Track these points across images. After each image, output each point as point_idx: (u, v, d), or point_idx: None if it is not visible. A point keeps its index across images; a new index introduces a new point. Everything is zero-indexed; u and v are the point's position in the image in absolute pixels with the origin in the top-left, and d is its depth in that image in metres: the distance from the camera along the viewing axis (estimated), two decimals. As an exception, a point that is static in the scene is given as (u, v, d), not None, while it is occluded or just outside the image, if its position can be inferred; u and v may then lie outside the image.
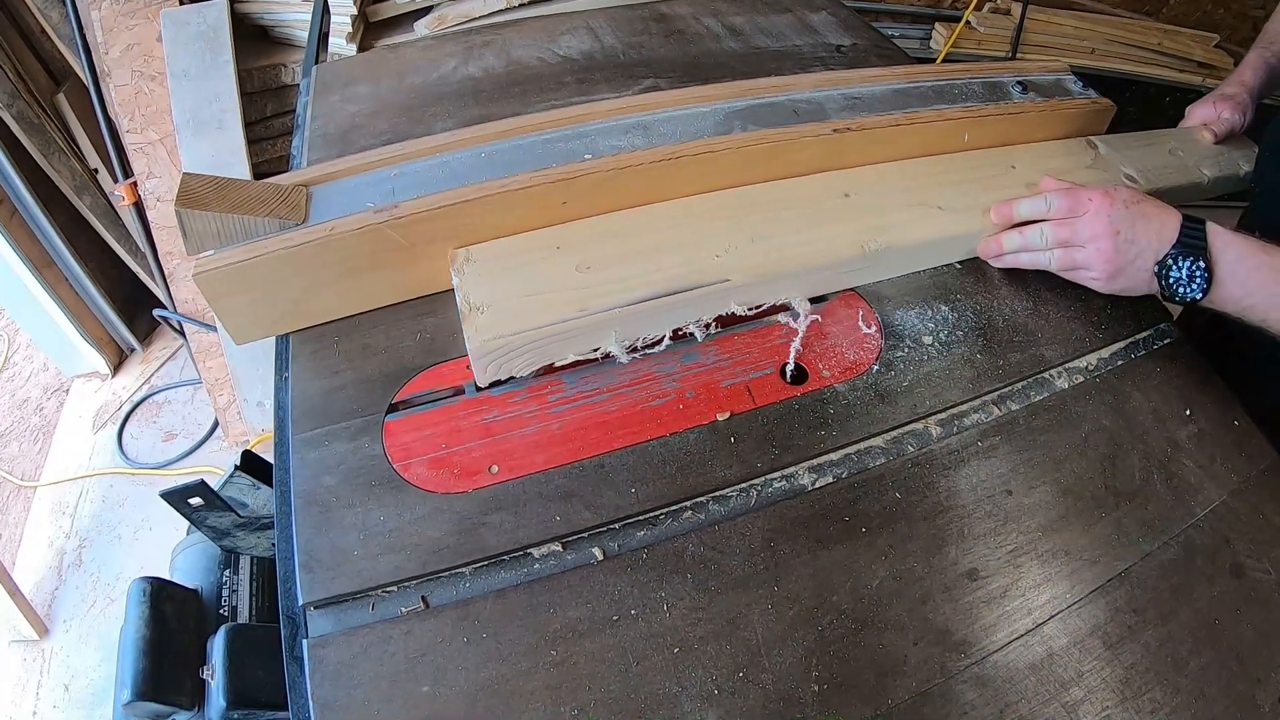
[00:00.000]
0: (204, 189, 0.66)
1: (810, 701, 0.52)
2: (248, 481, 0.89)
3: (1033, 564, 0.59)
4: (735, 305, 0.68)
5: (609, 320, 0.64)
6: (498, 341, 0.61)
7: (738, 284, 0.67)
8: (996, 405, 0.68)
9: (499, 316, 0.63)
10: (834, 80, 0.84)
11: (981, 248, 0.76)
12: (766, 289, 0.69)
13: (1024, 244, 0.73)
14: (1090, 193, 0.69)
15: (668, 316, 0.66)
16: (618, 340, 0.65)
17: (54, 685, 1.59)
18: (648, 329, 0.66)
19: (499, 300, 0.64)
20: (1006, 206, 0.75)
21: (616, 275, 0.66)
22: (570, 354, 0.64)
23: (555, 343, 0.63)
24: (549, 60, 1.08)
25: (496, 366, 0.63)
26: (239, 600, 0.91)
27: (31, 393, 2.24)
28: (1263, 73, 0.92)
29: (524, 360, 0.63)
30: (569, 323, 0.63)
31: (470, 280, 0.66)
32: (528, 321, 0.62)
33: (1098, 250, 0.68)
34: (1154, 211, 0.67)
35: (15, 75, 1.77)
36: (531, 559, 0.57)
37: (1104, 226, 0.67)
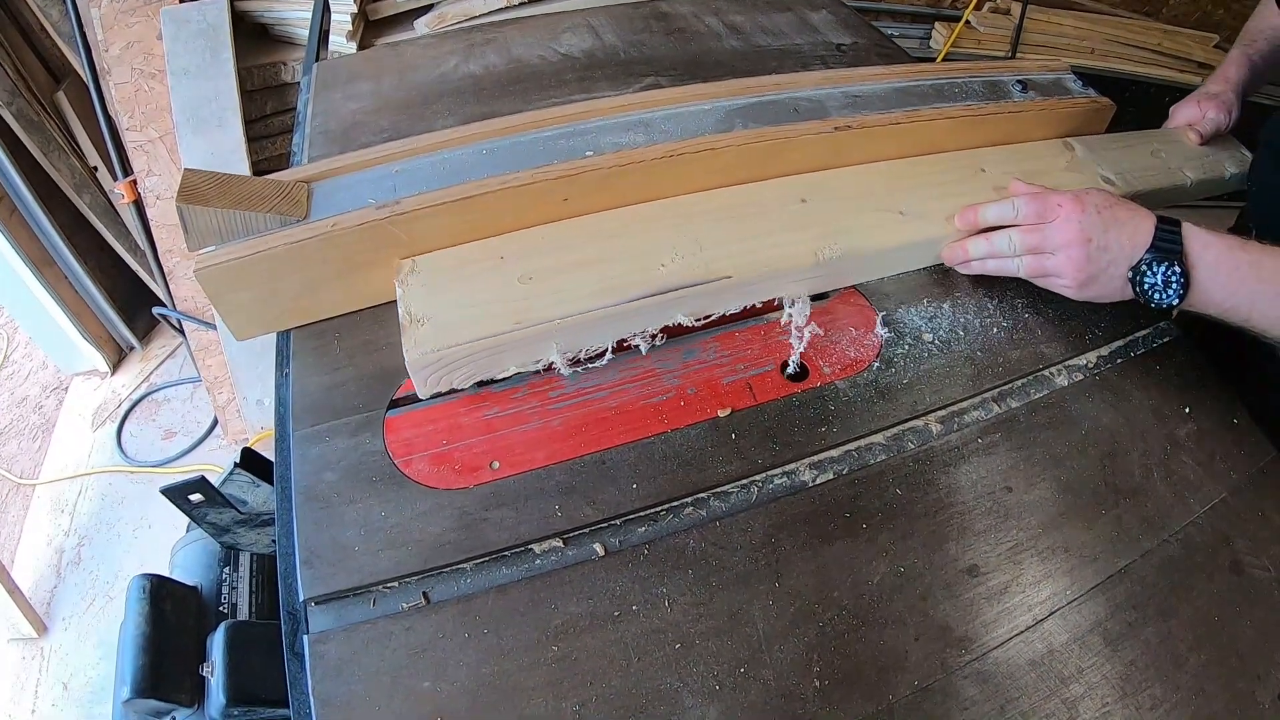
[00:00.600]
0: (205, 185, 0.66)
1: (811, 697, 0.52)
2: (247, 479, 0.89)
3: (1033, 560, 0.59)
4: (681, 316, 0.66)
5: (548, 332, 0.62)
6: (434, 355, 0.60)
7: (683, 295, 0.65)
8: (997, 402, 0.68)
9: (437, 329, 0.62)
10: (834, 79, 0.85)
11: (946, 254, 0.74)
12: (713, 299, 0.67)
13: (991, 250, 0.71)
14: (1060, 197, 0.67)
15: (610, 328, 0.65)
16: (560, 352, 0.64)
17: (53, 683, 1.59)
18: (590, 341, 0.65)
19: (439, 312, 0.63)
20: (971, 212, 0.72)
21: (558, 286, 0.65)
22: (511, 366, 0.63)
23: (493, 355, 0.62)
24: (550, 58, 1.08)
25: (436, 379, 0.62)
26: (239, 597, 0.91)
27: (31, 391, 2.24)
28: (1246, 70, 0.91)
29: (463, 373, 0.62)
30: (506, 335, 0.61)
31: (413, 292, 0.65)
32: (465, 334, 0.61)
33: (1068, 258, 0.66)
34: (1127, 216, 0.65)
35: (15, 73, 1.77)
36: (533, 555, 0.57)
37: (1075, 233, 0.65)
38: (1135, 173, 0.83)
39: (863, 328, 0.71)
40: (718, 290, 0.67)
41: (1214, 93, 0.90)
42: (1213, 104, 0.88)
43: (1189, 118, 0.90)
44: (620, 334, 0.66)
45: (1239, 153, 0.91)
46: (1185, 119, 0.90)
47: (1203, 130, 0.88)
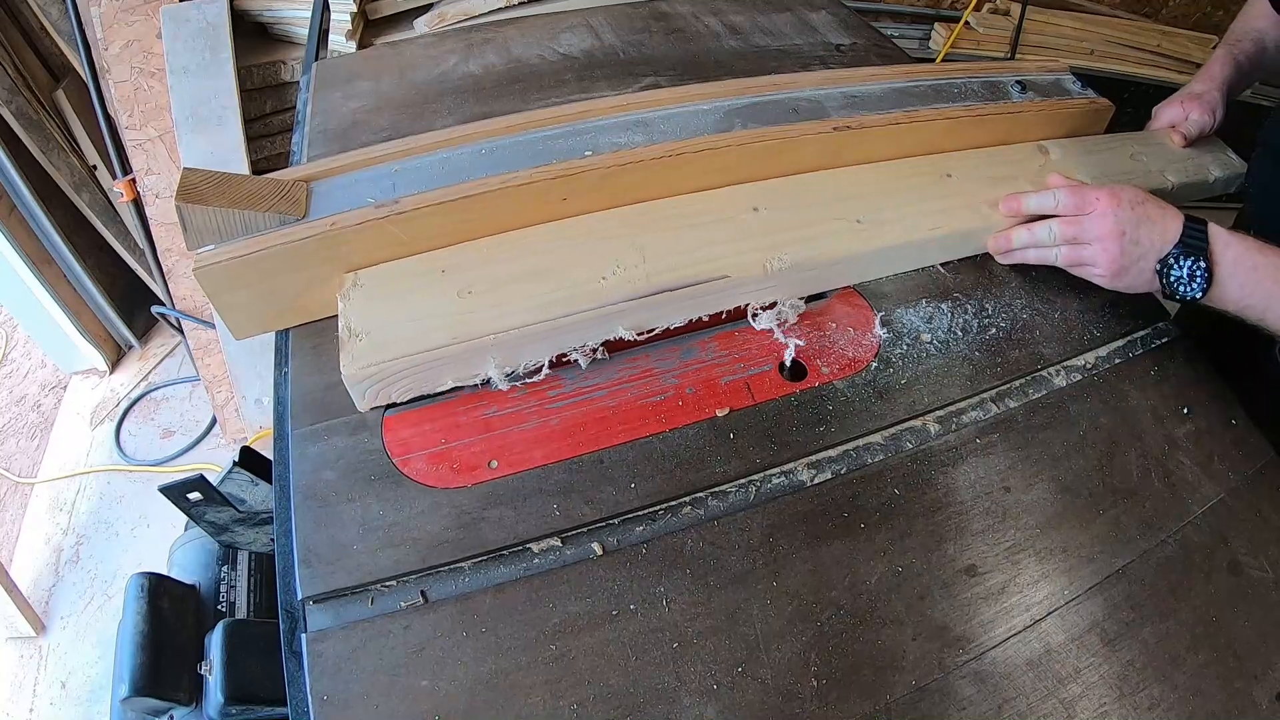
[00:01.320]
0: (204, 184, 0.66)
1: (809, 696, 0.52)
2: (246, 478, 0.89)
3: (1031, 561, 0.59)
4: (622, 331, 0.65)
5: (484, 347, 0.62)
6: (370, 369, 0.60)
7: (623, 308, 0.64)
8: (995, 403, 0.68)
9: (374, 344, 0.61)
10: (833, 79, 0.85)
11: (991, 243, 0.77)
12: (655, 312, 0.66)
13: (1032, 240, 0.74)
14: (1098, 191, 0.70)
15: (548, 343, 0.64)
16: (497, 367, 0.63)
17: (51, 682, 1.59)
18: (528, 356, 0.64)
19: (378, 327, 0.62)
20: (1016, 200, 0.76)
21: (496, 300, 0.64)
22: (448, 380, 0.63)
23: (430, 370, 0.62)
24: (549, 58, 1.08)
25: (374, 393, 0.62)
26: (237, 596, 0.91)
27: (29, 389, 2.23)
28: (1231, 70, 0.90)
29: (401, 387, 0.62)
30: (442, 350, 0.61)
31: (354, 306, 0.64)
32: (401, 349, 0.61)
33: (1103, 249, 0.69)
34: (1158, 213, 0.68)
35: (14, 72, 1.77)
36: (531, 554, 0.57)
37: (1110, 227, 0.68)
38: (1113, 177, 0.82)
39: (861, 328, 0.71)
40: (658, 304, 0.66)
41: (1198, 92, 0.89)
42: (1196, 104, 0.88)
43: (1172, 118, 0.89)
44: (559, 349, 0.65)
45: (1224, 155, 0.89)
46: (1168, 119, 0.89)
47: (1186, 132, 0.87)
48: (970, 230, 0.76)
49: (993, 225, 0.76)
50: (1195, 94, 0.89)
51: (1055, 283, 0.76)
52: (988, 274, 0.77)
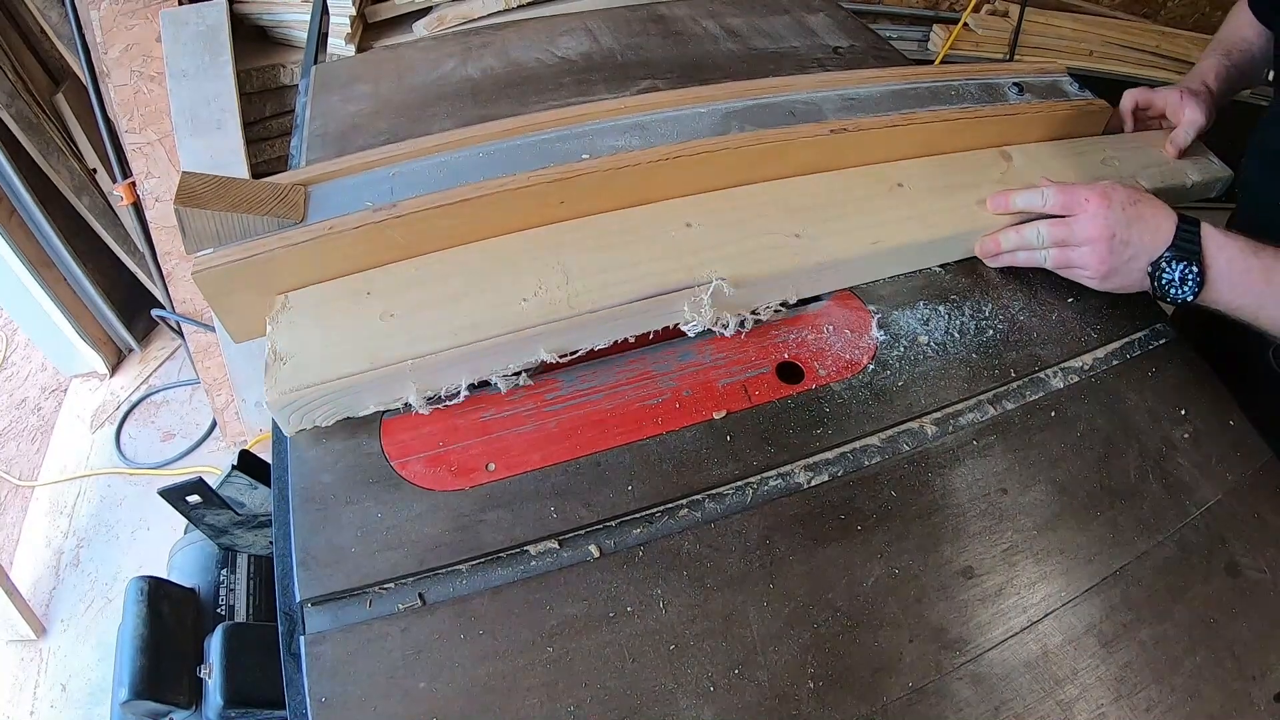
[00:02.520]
0: (203, 188, 0.66)
1: (806, 698, 0.52)
2: (245, 481, 0.89)
3: (1028, 562, 0.59)
4: (544, 354, 0.64)
5: (403, 372, 0.61)
6: (292, 395, 0.59)
7: (542, 331, 0.63)
8: (992, 404, 0.68)
9: (296, 369, 0.60)
10: (831, 81, 0.85)
11: (980, 247, 0.76)
12: (576, 335, 0.65)
13: (1020, 243, 0.73)
14: (1087, 191, 0.69)
15: (468, 367, 0.63)
16: (417, 392, 0.62)
17: (51, 685, 1.59)
18: (447, 380, 0.63)
19: (302, 351, 0.61)
20: (1003, 197, 0.75)
21: (417, 323, 0.63)
22: (370, 405, 0.62)
23: (350, 395, 0.61)
24: (547, 61, 1.08)
25: (298, 419, 0.61)
26: (236, 599, 0.91)
27: (30, 392, 2.24)
28: (1224, 79, 0.89)
29: (323, 412, 0.61)
30: (361, 375, 0.60)
31: (281, 329, 0.63)
32: (321, 374, 0.60)
33: (1093, 251, 0.69)
34: (1150, 214, 0.68)
35: (14, 75, 1.77)
36: (528, 556, 0.57)
37: (1100, 229, 0.68)
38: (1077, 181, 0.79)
39: (858, 330, 0.71)
40: (580, 326, 0.64)
41: (1196, 90, 0.87)
42: (1193, 101, 0.85)
43: (1170, 106, 0.86)
44: (479, 374, 0.63)
45: (1206, 160, 0.87)
46: (1167, 108, 0.87)
47: (1180, 142, 0.85)
48: (915, 242, 0.74)
49: (941, 236, 0.75)
50: (1194, 91, 0.87)
51: (1052, 285, 0.76)
52: (985, 276, 0.77)
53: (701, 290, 0.66)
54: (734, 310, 0.69)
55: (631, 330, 0.67)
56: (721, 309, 0.68)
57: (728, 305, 0.68)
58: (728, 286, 0.66)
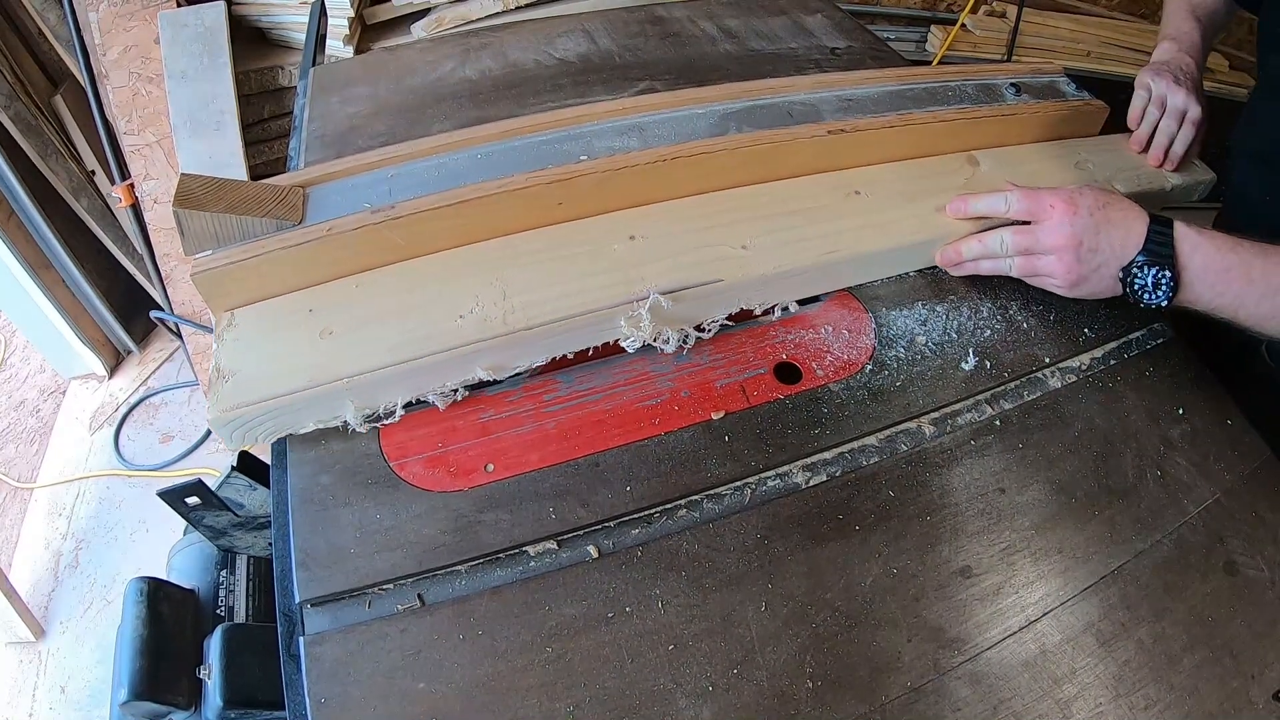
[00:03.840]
0: (202, 189, 0.66)
1: (804, 698, 0.52)
2: (244, 482, 0.89)
3: (1026, 561, 0.59)
4: (480, 372, 0.63)
5: (340, 390, 0.60)
6: (233, 413, 0.59)
7: (478, 349, 0.62)
8: (990, 404, 0.68)
9: (237, 387, 0.60)
10: (829, 82, 0.85)
11: (940, 256, 0.74)
12: (513, 353, 0.64)
13: (983, 251, 0.71)
14: (1053, 197, 0.67)
15: (404, 385, 0.62)
16: (355, 410, 0.61)
17: (50, 686, 1.59)
18: (384, 398, 0.62)
19: (244, 369, 0.61)
20: (962, 202, 0.73)
21: (355, 341, 0.63)
22: (309, 423, 0.61)
23: (290, 413, 0.60)
24: (545, 62, 1.08)
25: (240, 436, 0.61)
26: (235, 600, 0.91)
27: (28, 394, 2.23)
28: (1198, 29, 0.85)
29: (264, 430, 0.61)
30: (299, 394, 0.59)
31: (225, 347, 0.63)
32: (260, 392, 0.59)
33: (1059, 260, 0.66)
34: (1120, 216, 0.65)
35: (13, 77, 1.77)
36: (527, 557, 0.57)
37: (1066, 237, 0.65)
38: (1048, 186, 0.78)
39: (856, 330, 0.71)
40: (516, 344, 0.63)
41: (1164, 62, 0.83)
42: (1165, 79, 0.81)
43: (1132, 117, 0.84)
44: (416, 391, 0.63)
45: (1188, 162, 0.85)
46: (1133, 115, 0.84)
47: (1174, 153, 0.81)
48: (871, 252, 0.72)
49: (899, 245, 0.73)
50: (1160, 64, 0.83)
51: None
52: (982, 277, 0.77)
53: (639, 305, 0.65)
54: (675, 325, 0.67)
55: (570, 347, 0.65)
56: (662, 324, 0.66)
57: (668, 320, 0.66)
58: (666, 301, 0.65)
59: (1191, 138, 0.81)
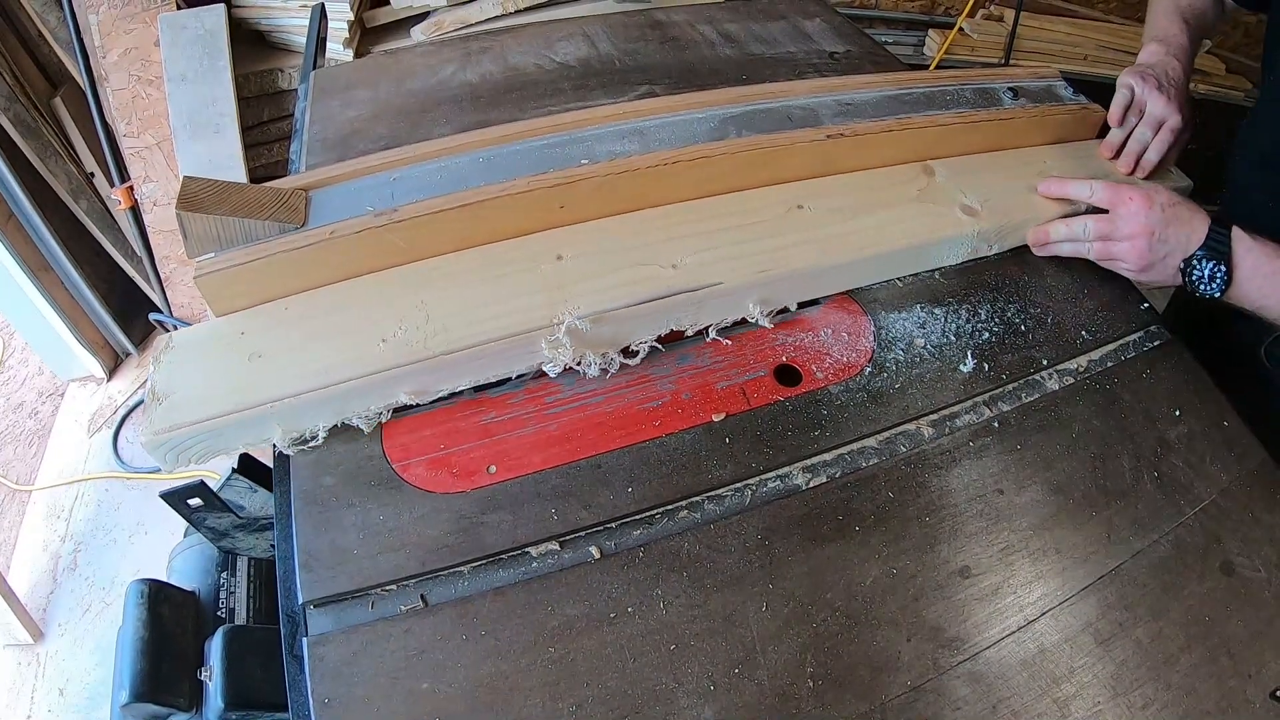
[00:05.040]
0: (205, 192, 0.67)
1: (805, 697, 0.52)
2: (245, 484, 0.89)
3: (1024, 562, 0.60)
4: (403, 396, 0.63)
5: (266, 414, 0.60)
6: (164, 436, 0.59)
7: (398, 373, 0.62)
8: (988, 406, 0.69)
9: (169, 410, 0.60)
10: (827, 87, 0.85)
11: (1031, 236, 0.79)
12: (436, 376, 0.63)
13: (1069, 234, 0.77)
14: (1132, 191, 0.73)
15: (328, 409, 0.62)
16: (282, 434, 0.61)
17: (49, 689, 1.58)
18: (308, 421, 0.62)
19: (177, 391, 0.61)
20: (1055, 184, 0.79)
21: (281, 365, 0.62)
22: (239, 445, 0.61)
23: (218, 436, 0.60)
24: (546, 66, 1.08)
25: (173, 457, 0.61)
26: (236, 602, 0.91)
27: (27, 396, 2.23)
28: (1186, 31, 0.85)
29: (195, 451, 0.61)
30: (226, 418, 0.59)
31: (162, 369, 0.63)
32: (190, 415, 0.59)
33: (1133, 246, 0.73)
34: (1187, 215, 0.72)
35: (12, 79, 1.78)
36: (529, 558, 0.57)
37: (1141, 226, 0.72)
38: (1005, 198, 0.79)
39: (855, 333, 0.72)
40: (439, 367, 0.62)
41: (1149, 65, 0.84)
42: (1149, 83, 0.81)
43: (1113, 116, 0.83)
44: (341, 416, 0.62)
45: (1164, 169, 0.84)
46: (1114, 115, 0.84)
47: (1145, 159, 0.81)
48: (811, 269, 0.71)
49: (836, 264, 0.71)
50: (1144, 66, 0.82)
51: (1046, 288, 0.77)
52: (979, 279, 0.78)
53: (558, 329, 0.63)
54: (599, 348, 0.66)
55: (493, 371, 0.65)
56: (584, 347, 0.65)
57: (591, 343, 0.65)
58: (585, 324, 0.64)
59: (1169, 145, 0.82)
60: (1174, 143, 0.83)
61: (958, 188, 0.80)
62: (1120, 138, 0.85)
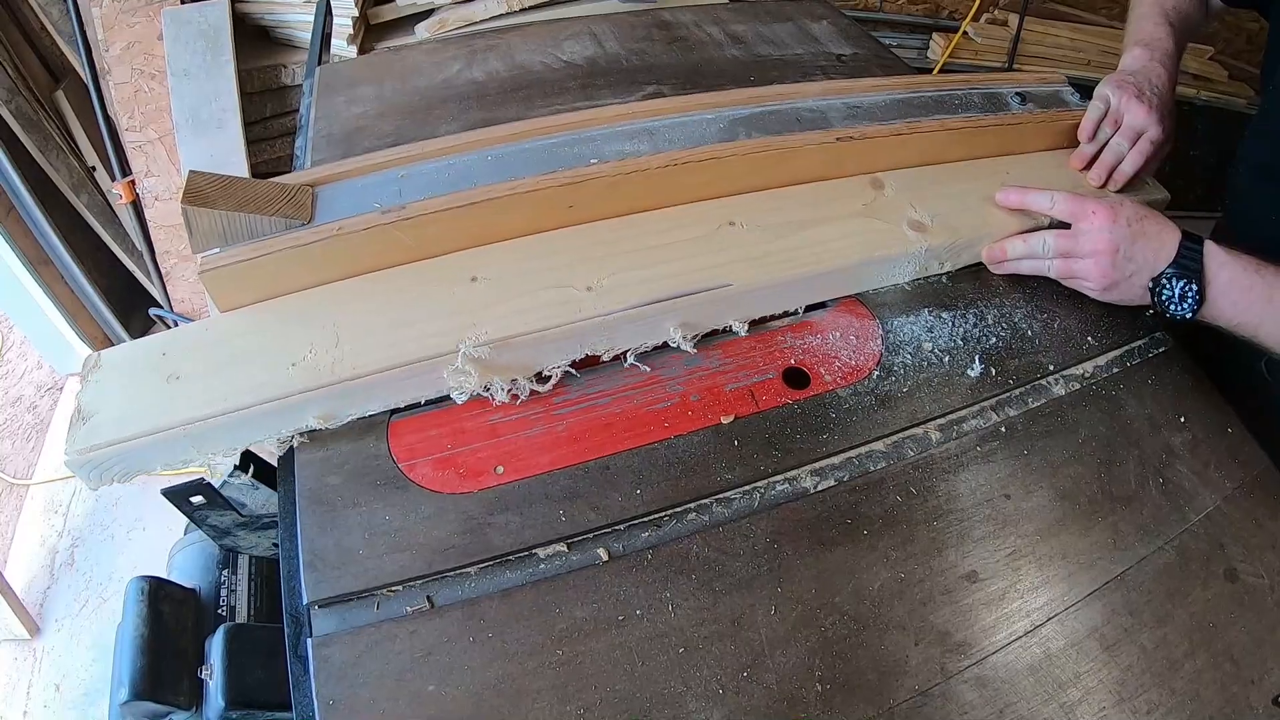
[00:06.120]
0: (210, 187, 0.66)
1: (813, 701, 0.52)
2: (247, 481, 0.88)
3: (1031, 567, 0.60)
4: (312, 420, 0.62)
5: (177, 438, 0.60)
6: (86, 456, 0.58)
7: (307, 400, 0.61)
8: (995, 411, 0.69)
9: (91, 430, 0.59)
10: (836, 89, 0.85)
11: (986, 253, 0.76)
12: (345, 402, 0.62)
13: (1026, 251, 0.74)
14: (1095, 204, 0.70)
15: (238, 433, 0.61)
16: (199, 453, 0.61)
17: (45, 685, 1.58)
18: (221, 444, 0.62)
19: (100, 411, 0.60)
20: (1013, 193, 0.76)
21: (194, 388, 0.62)
22: (157, 466, 0.61)
23: (136, 458, 0.60)
24: (553, 65, 1.08)
25: (96, 476, 0.60)
26: (237, 600, 0.90)
27: (25, 390, 2.22)
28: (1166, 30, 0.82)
29: (117, 471, 0.60)
30: (142, 440, 0.59)
31: (88, 388, 0.62)
32: (109, 436, 0.59)
33: (1095, 264, 0.70)
34: (1155, 230, 0.68)
35: (14, 72, 1.77)
36: (537, 559, 0.57)
37: (1104, 243, 0.69)
38: (959, 215, 0.76)
39: (863, 337, 0.72)
40: (341, 393, 0.61)
41: (1131, 72, 0.80)
42: (1127, 93, 0.78)
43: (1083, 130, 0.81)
44: (252, 439, 0.62)
45: (1139, 180, 0.81)
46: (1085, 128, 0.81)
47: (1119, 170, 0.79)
48: (739, 290, 0.68)
49: (770, 282, 0.69)
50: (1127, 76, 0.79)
51: (1053, 293, 0.77)
52: (987, 284, 0.78)
53: (458, 356, 0.62)
54: (507, 374, 0.64)
55: (401, 397, 0.64)
56: (492, 374, 0.63)
57: (500, 370, 0.64)
58: (488, 351, 0.62)
59: (1148, 156, 0.79)
60: (1153, 155, 0.79)
61: (908, 202, 0.77)
62: (1093, 149, 0.82)
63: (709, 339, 0.70)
